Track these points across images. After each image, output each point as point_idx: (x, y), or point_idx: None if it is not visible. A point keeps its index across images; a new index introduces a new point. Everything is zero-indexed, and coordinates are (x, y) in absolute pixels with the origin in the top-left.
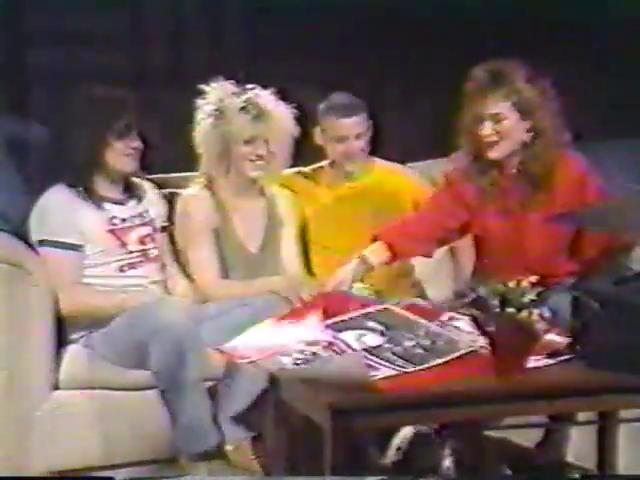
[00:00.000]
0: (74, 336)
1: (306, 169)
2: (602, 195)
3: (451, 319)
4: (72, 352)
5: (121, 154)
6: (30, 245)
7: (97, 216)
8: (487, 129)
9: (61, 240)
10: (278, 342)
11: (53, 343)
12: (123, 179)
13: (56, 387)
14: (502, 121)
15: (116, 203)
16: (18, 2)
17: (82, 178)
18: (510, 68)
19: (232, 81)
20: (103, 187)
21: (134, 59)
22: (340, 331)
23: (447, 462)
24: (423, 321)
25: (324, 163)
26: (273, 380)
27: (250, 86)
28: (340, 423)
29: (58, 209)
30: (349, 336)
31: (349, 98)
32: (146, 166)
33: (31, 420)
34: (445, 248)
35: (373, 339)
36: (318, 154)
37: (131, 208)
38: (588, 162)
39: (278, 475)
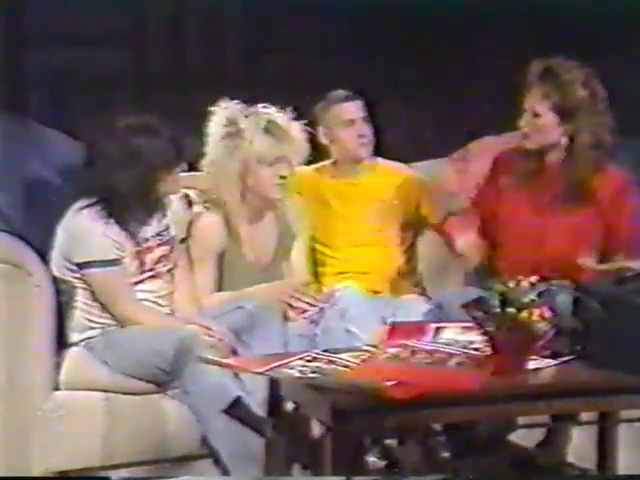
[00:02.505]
0: (76, 339)
1: (308, 167)
2: (635, 218)
3: (438, 331)
4: (73, 354)
5: (170, 182)
6: (31, 245)
7: (127, 237)
8: (523, 120)
9: (106, 258)
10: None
11: (53, 343)
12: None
13: (56, 388)
14: (537, 117)
15: (141, 223)
16: (18, 2)
17: (120, 207)
18: (563, 67)
19: (238, 101)
20: (137, 210)
21: (134, 59)
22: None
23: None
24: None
25: (327, 162)
26: (274, 380)
27: (261, 105)
28: (341, 423)
29: (95, 227)
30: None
31: (346, 91)
32: None
33: (31, 420)
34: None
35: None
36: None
37: (154, 226)
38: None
39: (278, 475)
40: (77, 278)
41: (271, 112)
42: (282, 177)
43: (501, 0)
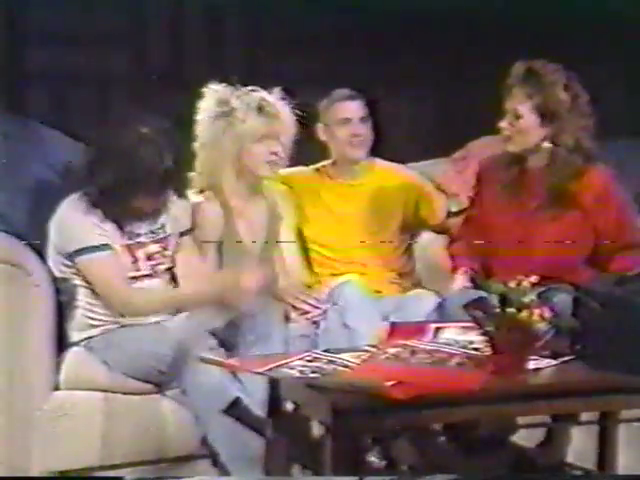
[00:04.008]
0: (76, 338)
1: (309, 167)
2: (623, 211)
3: (438, 331)
4: (73, 354)
5: (152, 199)
6: (31, 245)
7: (116, 230)
8: (504, 122)
9: (94, 244)
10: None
11: (53, 343)
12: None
13: (56, 388)
14: (518, 118)
15: (133, 220)
16: (18, 2)
17: (110, 208)
18: (546, 69)
19: (226, 84)
20: (122, 209)
21: (134, 59)
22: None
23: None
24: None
25: (327, 162)
26: (273, 380)
27: (250, 88)
28: (341, 423)
29: (82, 217)
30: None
31: (349, 90)
32: None
33: (31, 420)
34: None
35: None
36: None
37: (147, 223)
38: (614, 172)
39: (278, 475)
40: (75, 274)
41: (260, 93)
42: (273, 153)
43: (502, 0)
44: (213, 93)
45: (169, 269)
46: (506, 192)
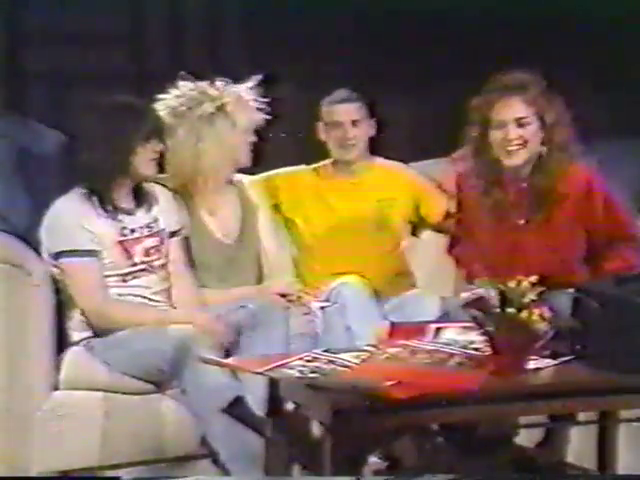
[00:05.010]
0: (76, 338)
1: (309, 167)
2: (609, 204)
3: (438, 331)
4: (73, 354)
5: (146, 159)
6: (31, 245)
7: (110, 227)
8: (513, 133)
9: (79, 248)
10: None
11: (53, 343)
12: (136, 187)
13: (56, 388)
14: (527, 126)
15: (127, 213)
16: (18, 2)
17: (100, 187)
18: (531, 78)
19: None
20: (117, 196)
21: (134, 59)
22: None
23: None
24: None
25: (327, 161)
26: (273, 380)
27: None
28: (341, 423)
29: (71, 218)
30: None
31: (348, 91)
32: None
33: (31, 420)
34: (445, 247)
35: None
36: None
37: (140, 217)
38: (595, 166)
39: (278, 475)
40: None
41: (236, 85)
42: (251, 144)
43: (502, 1)
44: (190, 90)
45: (164, 265)
46: (491, 215)
